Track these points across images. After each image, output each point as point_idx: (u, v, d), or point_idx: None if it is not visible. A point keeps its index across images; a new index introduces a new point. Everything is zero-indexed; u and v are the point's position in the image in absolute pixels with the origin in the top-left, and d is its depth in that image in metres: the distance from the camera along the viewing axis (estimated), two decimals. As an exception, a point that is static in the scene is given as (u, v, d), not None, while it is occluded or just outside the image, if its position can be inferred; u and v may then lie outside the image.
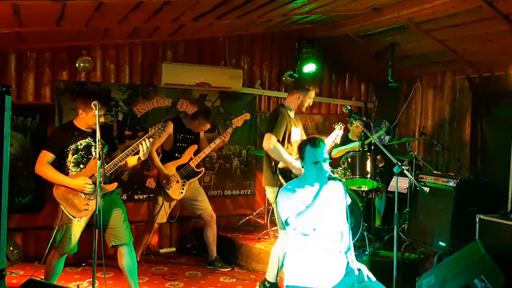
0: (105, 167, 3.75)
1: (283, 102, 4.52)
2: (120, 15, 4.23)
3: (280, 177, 4.18)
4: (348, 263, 3.09)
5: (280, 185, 4.13)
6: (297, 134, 4.42)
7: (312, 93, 4.42)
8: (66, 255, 3.96)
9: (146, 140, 3.75)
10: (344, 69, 7.31)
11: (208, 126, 5.27)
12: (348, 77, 7.39)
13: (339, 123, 4.77)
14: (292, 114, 4.42)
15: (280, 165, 4.19)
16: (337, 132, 4.66)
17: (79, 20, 4.21)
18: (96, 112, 3.39)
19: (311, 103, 4.48)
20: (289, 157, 4.11)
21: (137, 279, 4.16)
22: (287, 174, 4.18)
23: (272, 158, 4.20)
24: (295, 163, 4.07)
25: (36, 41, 5.04)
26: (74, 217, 3.76)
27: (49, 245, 3.92)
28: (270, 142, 4.08)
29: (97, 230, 3.26)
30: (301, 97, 4.37)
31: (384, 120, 6.86)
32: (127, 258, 4.04)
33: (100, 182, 3.42)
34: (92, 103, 3.47)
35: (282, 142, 4.20)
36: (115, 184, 3.93)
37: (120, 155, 3.84)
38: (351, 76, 7.38)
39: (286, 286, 3.04)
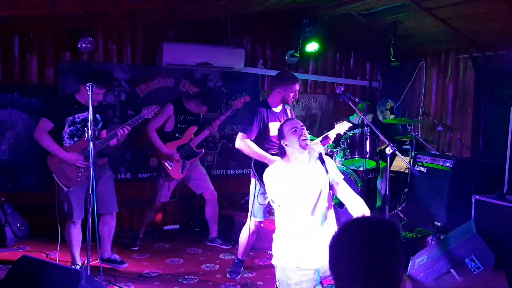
0: (96, 144, 3.96)
1: (266, 97, 4.40)
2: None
3: (255, 169, 4.18)
4: None
5: (257, 178, 4.19)
6: None
7: (294, 86, 4.22)
8: (80, 221, 4.19)
9: (125, 128, 4.13)
10: (348, 48, 7.22)
11: (204, 109, 5.33)
12: (353, 56, 7.30)
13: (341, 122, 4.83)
14: (277, 109, 4.30)
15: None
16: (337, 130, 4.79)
17: (73, 2, 4.24)
18: (90, 93, 3.45)
19: (296, 96, 4.30)
20: (261, 152, 4.08)
21: (110, 245, 4.51)
22: (264, 167, 4.20)
23: None
24: (269, 157, 4.05)
25: (36, 22, 5.09)
26: (66, 187, 4.02)
27: (57, 216, 4.11)
28: (239, 141, 4.14)
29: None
30: (281, 91, 4.23)
31: (389, 100, 6.79)
32: (108, 226, 4.39)
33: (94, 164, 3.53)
34: (86, 85, 3.54)
35: (260, 139, 4.20)
36: (105, 159, 4.29)
37: (110, 134, 4.12)
38: (356, 55, 7.29)
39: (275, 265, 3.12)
